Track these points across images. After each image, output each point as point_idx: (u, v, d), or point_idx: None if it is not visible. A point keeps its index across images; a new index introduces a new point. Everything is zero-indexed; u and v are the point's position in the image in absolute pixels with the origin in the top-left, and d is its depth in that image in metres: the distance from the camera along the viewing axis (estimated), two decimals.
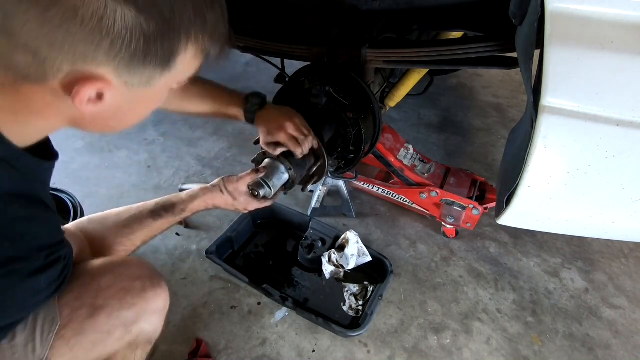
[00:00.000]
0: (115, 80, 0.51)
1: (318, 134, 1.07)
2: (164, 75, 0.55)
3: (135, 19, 0.46)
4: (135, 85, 0.53)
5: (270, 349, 1.22)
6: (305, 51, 1.25)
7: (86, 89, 0.49)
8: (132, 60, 0.49)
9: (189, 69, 0.58)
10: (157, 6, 0.48)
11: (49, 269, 0.60)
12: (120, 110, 0.57)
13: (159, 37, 0.49)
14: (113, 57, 0.48)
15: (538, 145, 0.73)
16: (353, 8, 1.12)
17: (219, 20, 0.57)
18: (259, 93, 1.08)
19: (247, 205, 1.04)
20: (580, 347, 1.28)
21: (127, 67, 0.50)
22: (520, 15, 0.77)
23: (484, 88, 2.77)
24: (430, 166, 1.65)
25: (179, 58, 0.54)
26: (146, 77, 0.53)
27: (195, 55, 0.56)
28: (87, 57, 0.47)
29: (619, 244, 1.64)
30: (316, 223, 1.55)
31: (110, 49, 0.47)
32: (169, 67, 0.54)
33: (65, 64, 0.47)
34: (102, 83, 0.50)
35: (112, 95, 0.52)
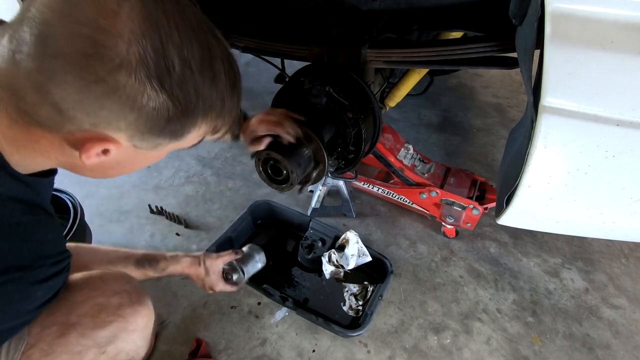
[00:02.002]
0: (126, 143, 0.53)
1: (318, 134, 1.07)
2: (171, 144, 0.57)
3: (164, 103, 0.49)
4: (143, 148, 0.55)
5: (270, 349, 1.22)
6: (305, 51, 1.25)
7: (97, 147, 0.51)
8: (149, 132, 0.52)
9: (195, 140, 0.61)
10: (187, 95, 0.51)
11: (53, 278, 0.59)
12: (121, 164, 0.59)
13: (180, 117, 0.52)
14: (133, 128, 0.51)
15: (538, 145, 0.73)
16: (353, 8, 1.12)
17: (234, 107, 0.60)
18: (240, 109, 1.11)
19: (215, 285, 1.11)
20: (580, 347, 1.28)
21: (142, 136, 0.52)
22: (520, 15, 0.77)
23: (484, 88, 2.76)
24: (430, 166, 1.65)
25: (191, 134, 0.57)
26: (155, 144, 0.55)
27: (205, 132, 0.59)
28: (109, 124, 0.49)
29: (619, 244, 1.64)
30: (316, 223, 1.55)
31: (134, 122, 0.50)
32: (178, 140, 0.57)
33: (86, 124, 0.49)
34: (113, 144, 0.52)
35: (117, 153, 0.54)
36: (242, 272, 1.14)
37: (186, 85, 0.50)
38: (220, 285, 1.12)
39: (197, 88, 0.52)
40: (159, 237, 1.59)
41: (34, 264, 0.56)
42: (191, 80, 0.51)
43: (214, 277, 1.10)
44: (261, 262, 1.21)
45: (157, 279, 1.09)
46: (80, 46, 0.44)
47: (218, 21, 1.34)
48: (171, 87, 0.49)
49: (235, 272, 1.14)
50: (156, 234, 1.61)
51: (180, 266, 1.04)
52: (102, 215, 1.68)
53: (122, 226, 1.64)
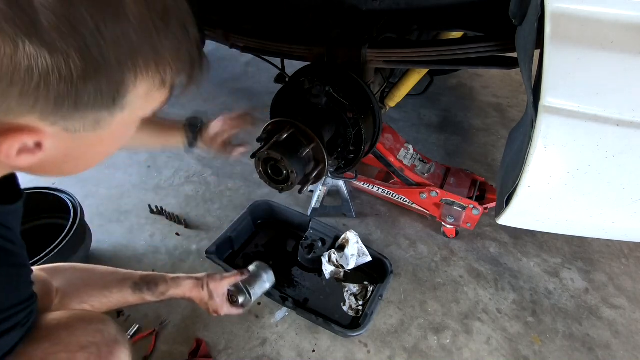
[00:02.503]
0: (50, 129, 0.43)
1: (318, 134, 1.07)
2: (115, 116, 0.46)
3: (48, 60, 0.37)
4: (80, 130, 0.45)
5: (270, 349, 1.22)
6: (305, 51, 1.25)
7: (9, 143, 0.41)
8: (61, 106, 0.41)
9: (149, 103, 0.49)
10: (77, 44, 0.38)
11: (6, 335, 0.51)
12: (70, 155, 0.49)
13: (88, 76, 0.40)
14: (30, 106, 0.40)
15: (538, 145, 0.73)
16: (353, 8, 1.12)
17: (180, 43, 0.46)
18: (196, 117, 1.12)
19: (219, 309, 1.05)
20: (580, 347, 1.28)
21: (58, 114, 0.41)
22: (520, 15, 0.77)
23: (484, 88, 2.76)
24: (430, 166, 1.65)
25: (130, 95, 0.45)
26: (91, 121, 0.45)
27: (151, 89, 0.47)
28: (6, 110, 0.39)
29: (619, 244, 1.64)
30: (316, 223, 1.55)
31: (22, 97, 0.39)
32: (118, 107, 0.45)
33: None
34: (30, 133, 0.42)
35: (52, 143, 0.44)
36: (249, 294, 1.09)
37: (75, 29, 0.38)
38: (225, 308, 1.06)
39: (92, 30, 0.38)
40: (159, 237, 1.59)
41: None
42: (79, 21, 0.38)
43: (219, 301, 1.04)
44: (269, 282, 1.15)
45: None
46: None
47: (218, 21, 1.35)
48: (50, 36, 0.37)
49: (241, 295, 1.08)
50: (156, 234, 1.61)
51: (181, 290, 0.98)
52: (102, 215, 1.68)
53: (122, 226, 1.64)
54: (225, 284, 1.06)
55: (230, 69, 2.89)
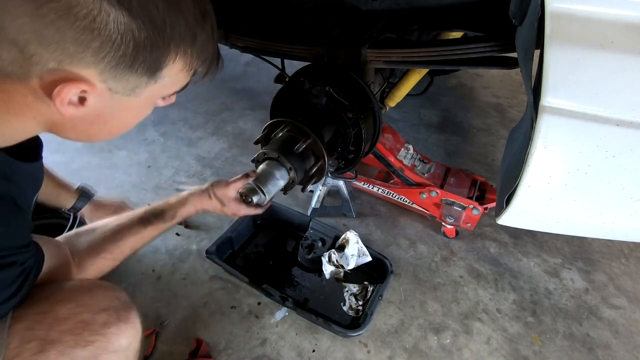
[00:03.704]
0: (100, 85, 0.50)
1: (318, 134, 1.07)
2: (149, 85, 0.54)
3: (128, 24, 0.46)
4: (120, 92, 0.52)
5: (270, 349, 1.22)
6: (305, 51, 1.25)
7: (68, 89, 0.48)
8: (119, 65, 0.49)
9: (175, 83, 0.58)
10: (150, 15, 0.47)
11: None
12: (102, 116, 0.55)
13: (149, 45, 0.49)
14: (100, 59, 0.47)
15: (538, 145, 0.73)
16: (353, 8, 1.12)
17: (209, 39, 0.57)
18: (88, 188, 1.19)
19: (237, 210, 1.03)
20: (580, 347, 1.28)
21: (113, 72, 0.49)
22: (520, 15, 0.77)
23: (484, 88, 2.77)
24: (430, 166, 1.65)
25: (166, 70, 0.54)
26: (131, 85, 0.52)
27: (182, 69, 0.56)
28: (74, 57, 0.46)
29: (619, 244, 1.64)
30: (316, 223, 1.55)
31: (99, 50, 0.46)
32: (155, 78, 0.54)
33: (52, 62, 0.46)
34: (86, 85, 0.49)
35: (94, 100, 0.51)
36: (263, 192, 1.02)
37: (148, 4, 0.47)
38: (243, 210, 1.03)
39: (160, 9, 0.48)
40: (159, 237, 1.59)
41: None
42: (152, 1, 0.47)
43: (233, 205, 1.02)
44: (283, 179, 1.06)
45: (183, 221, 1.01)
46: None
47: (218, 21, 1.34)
48: (130, 4, 0.45)
49: (254, 194, 1.01)
50: None
51: (190, 205, 0.98)
52: None
53: None
54: (232, 189, 1.02)
55: (230, 69, 2.89)
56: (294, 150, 1.03)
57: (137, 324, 0.73)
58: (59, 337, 0.63)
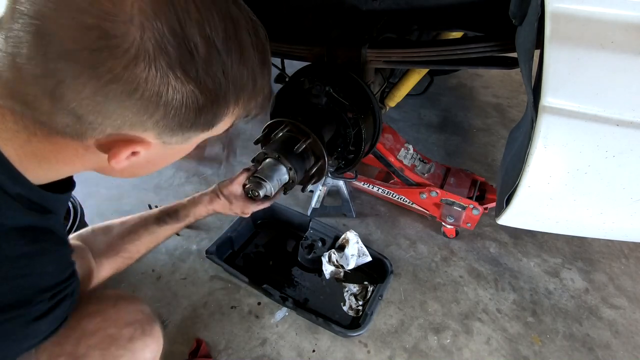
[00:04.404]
0: (154, 141, 0.49)
1: (318, 134, 1.07)
2: (203, 134, 0.54)
3: (192, 92, 0.44)
4: (173, 143, 0.52)
5: (270, 349, 1.22)
6: (305, 51, 1.25)
7: (125, 151, 0.47)
8: (179, 128, 0.48)
9: (225, 127, 0.57)
10: (215, 78, 0.45)
11: (53, 311, 0.54)
12: (152, 162, 0.56)
13: (210, 104, 0.47)
14: (162, 126, 0.46)
15: (538, 145, 0.73)
16: (353, 8, 1.12)
17: (267, 83, 0.55)
18: None
19: (244, 208, 1.03)
20: (580, 347, 1.28)
21: (171, 133, 0.48)
22: (520, 15, 0.77)
23: (484, 88, 2.77)
24: (430, 166, 1.65)
25: (223, 122, 0.53)
26: (185, 138, 0.52)
27: (237, 116, 0.55)
28: (134, 125, 0.45)
29: (619, 244, 1.64)
30: (316, 223, 1.55)
31: (162, 119, 0.45)
32: (210, 129, 0.53)
33: (109, 129, 0.45)
34: (141, 145, 0.48)
35: (147, 152, 0.50)
36: (267, 182, 1.01)
37: (213, 68, 0.45)
38: (251, 207, 1.03)
39: (225, 70, 0.46)
40: None
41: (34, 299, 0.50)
42: (218, 62, 0.45)
43: (241, 203, 1.02)
44: (284, 176, 1.04)
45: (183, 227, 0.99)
46: (87, 40, 0.38)
47: None
48: (197, 73, 0.43)
49: (259, 187, 1.00)
50: None
51: (202, 206, 0.98)
52: (102, 215, 1.68)
53: None
54: (236, 185, 1.02)
55: None
56: (294, 151, 1.03)
57: (160, 338, 0.75)
58: (86, 352, 0.63)
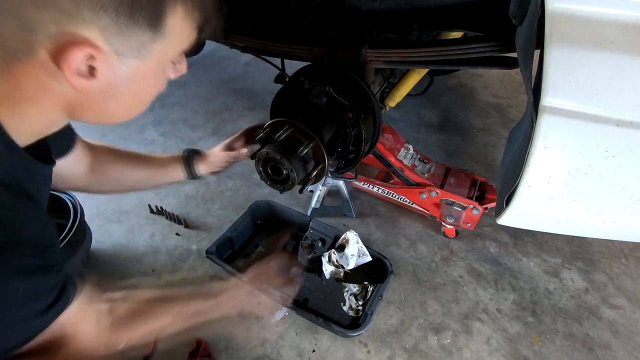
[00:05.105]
0: (105, 47, 0.49)
1: (318, 134, 1.07)
2: (155, 43, 0.53)
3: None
4: (127, 54, 0.51)
5: (270, 349, 1.22)
6: (305, 51, 1.25)
7: (74, 54, 0.47)
8: (119, 17, 0.47)
9: (181, 40, 0.56)
10: None
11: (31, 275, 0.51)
12: (115, 88, 0.54)
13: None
14: (97, 12, 0.46)
15: (538, 145, 0.72)
16: (353, 8, 1.12)
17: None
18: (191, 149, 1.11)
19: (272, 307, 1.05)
20: (580, 347, 1.28)
21: (115, 28, 0.48)
22: (520, 15, 0.77)
23: (484, 88, 2.76)
24: (430, 166, 1.65)
25: (169, 20, 0.52)
26: (136, 43, 0.51)
27: (185, 16, 0.54)
28: (71, 15, 0.45)
29: (619, 244, 1.64)
30: (316, 223, 1.55)
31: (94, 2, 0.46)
32: (159, 31, 0.52)
33: (51, 25, 0.45)
34: (91, 48, 0.47)
35: (104, 68, 0.50)
36: None
37: None
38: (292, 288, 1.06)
39: None
40: (159, 237, 1.59)
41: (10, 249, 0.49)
42: None
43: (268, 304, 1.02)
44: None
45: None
46: None
47: None
48: None
49: None
50: (156, 234, 1.61)
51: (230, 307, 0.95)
52: (102, 215, 1.68)
53: (122, 226, 1.64)
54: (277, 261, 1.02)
55: (230, 69, 2.89)
56: (295, 153, 1.03)
57: None
58: None
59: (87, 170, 0.89)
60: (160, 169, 1.05)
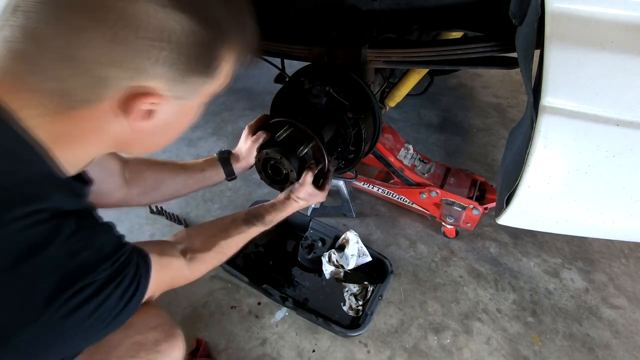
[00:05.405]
0: (167, 94, 0.52)
1: (318, 134, 1.07)
2: (207, 84, 0.56)
3: (189, 24, 0.48)
4: (183, 97, 0.54)
5: (270, 349, 1.22)
6: (305, 51, 1.25)
7: (140, 102, 0.50)
8: (183, 70, 0.50)
9: (226, 77, 0.59)
10: (207, 14, 0.49)
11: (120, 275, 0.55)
12: (168, 124, 0.57)
13: (208, 42, 0.51)
14: (169, 67, 0.49)
15: (538, 145, 0.73)
16: (353, 8, 1.12)
17: (253, 26, 0.59)
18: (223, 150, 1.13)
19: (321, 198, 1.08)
20: (580, 347, 1.28)
21: (178, 79, 0.51)
22: (520, 15, 0.77)
23: (484, 88, 2.76)
24: (430, 166, 1.65)
25: (221, 65, 0.55)
26: (192, 87, 0.54)
27: (234, 62, 0.57)
28: (145, 71, 0.48)
29: (619, 244, 1.64)
30: (316, 223, 1.55)
31: (168, 57, 0.48)
32: (212, 75, 0.55)
33: (124, 81, 0.48)
34: (155, 98, 0.50)
35: (163, 110, 0.53)
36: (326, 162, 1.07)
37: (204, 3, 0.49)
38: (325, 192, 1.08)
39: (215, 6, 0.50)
40: (159, 237, 1.59)
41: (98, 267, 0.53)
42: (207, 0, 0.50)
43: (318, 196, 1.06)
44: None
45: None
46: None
47: None
48: (192, 5, 0.47)
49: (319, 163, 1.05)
50: (156, 234, 1.61)
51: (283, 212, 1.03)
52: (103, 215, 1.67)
53: (122, 226, 1.64)
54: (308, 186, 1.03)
55: None
56: (295, 153, 1.03)
57: (182, 338, 0.78)
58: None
59: (122, 182, 0.90)
60: (198, 173, 1.07)
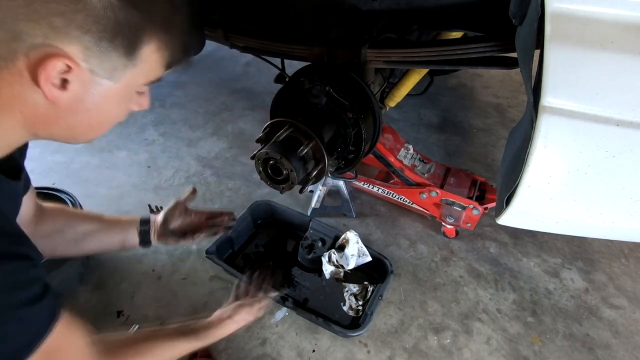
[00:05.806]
0: (82, 64, 0.51)
1: (318, 134, 1.07)
2: (127, 68, 0.55)
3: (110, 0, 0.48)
4: (100, 74, 0.53)
5: (271, 349, 1.22)
6: (305, 51, 1.25)
7: (53, 63, 0.49)
8: (101, 40, 0.50)
9: (150, 70, 0.59)
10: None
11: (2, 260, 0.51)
12: (83, 103, 0.55)
13: (127, 22, 0.51)
14: (84, 33, 0.49)
15: (538, 145, 0.73)
16: (353, 8, 1.12)
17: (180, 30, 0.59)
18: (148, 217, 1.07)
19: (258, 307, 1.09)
20: (580, 347, 1.28)
21: (96, 49, 0.50)
22: (520, 15, 0.77)
23: (484, 88, 2.76)
24: (430, 166, 1.65)
25: (143, 50, 0.55)
26: (110, 67, 0.53)
27: (157, 50, 0.57)
28: (60, 32, 0.48)
29: (619, 244, 1.64)
30: (316, 223, 1.55)
31: (83, 23, 0.48)
32: (133, 60, 0.55)
33: (39, 38, 0.47)
34: (69, 61, 0.49)
35: (76, 81, 0.52)
36: None
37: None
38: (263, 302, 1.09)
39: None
40: None
41: None
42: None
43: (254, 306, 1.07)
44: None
45: None
46: None
47: (218, 21, 1.35)
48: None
49: None
50: None
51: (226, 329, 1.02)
52: None
53: None
54: None
55: (230, 69, 2.89)
56: (295, 153, 1.03)
57: None
58: None
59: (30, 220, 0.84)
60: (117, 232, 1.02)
